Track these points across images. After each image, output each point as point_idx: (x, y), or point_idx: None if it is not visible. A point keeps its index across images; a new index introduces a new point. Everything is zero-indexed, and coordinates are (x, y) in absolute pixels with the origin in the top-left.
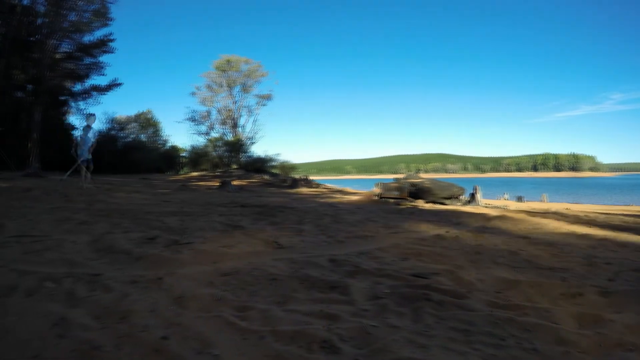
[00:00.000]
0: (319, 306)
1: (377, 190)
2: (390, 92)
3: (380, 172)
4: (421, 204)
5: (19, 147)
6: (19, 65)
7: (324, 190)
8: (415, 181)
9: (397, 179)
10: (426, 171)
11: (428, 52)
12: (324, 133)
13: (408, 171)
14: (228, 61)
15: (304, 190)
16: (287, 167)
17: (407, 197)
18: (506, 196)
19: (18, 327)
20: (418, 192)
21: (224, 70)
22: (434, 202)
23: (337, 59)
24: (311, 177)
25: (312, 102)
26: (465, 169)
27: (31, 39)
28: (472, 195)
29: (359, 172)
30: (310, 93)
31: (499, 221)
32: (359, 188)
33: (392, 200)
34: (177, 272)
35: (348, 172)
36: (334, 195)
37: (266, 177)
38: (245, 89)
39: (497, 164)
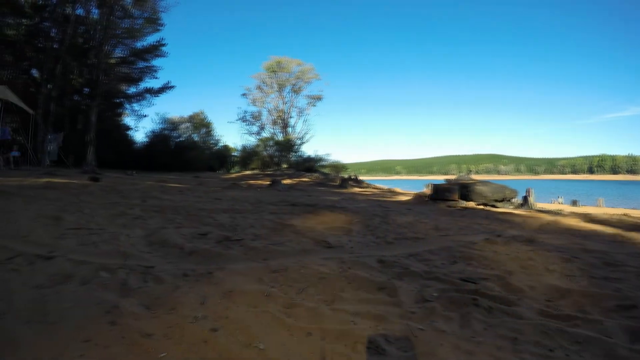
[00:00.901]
0: (366, 307)
1: (427, 191)
2: (442, 91)
3: (431, 173)
4: (472, 206)
5: (76, 146)
6: (76, 70)
7: (374, 190)
8: (467, 182)
9: (447, 180)
10: (477, 172)
11: (479, 51)
12: (374, 133)
13: (459, 172)
14: (278, 62)
15: (354, 190)
16: (337, 167)
17: (458, 199)
18: (560, 200)
19: (72, 313)
20: (469, 194)
21: (274, 72)
22: (485, 205)
23: (388, 56)
24: (361, 177)
25: (363, 101)
26: (517, 171)
27: (86, 45)
28: (525, 199)
29: (409, 172)
30: (361, 92)
31: (552, 226)
32: (408, 189)
33: (443, 201)
34: (228, 267)
35: (398, 173)
36: (383, 196)
37: (316, 176)
38: (295, 89)
39: (551, 165)
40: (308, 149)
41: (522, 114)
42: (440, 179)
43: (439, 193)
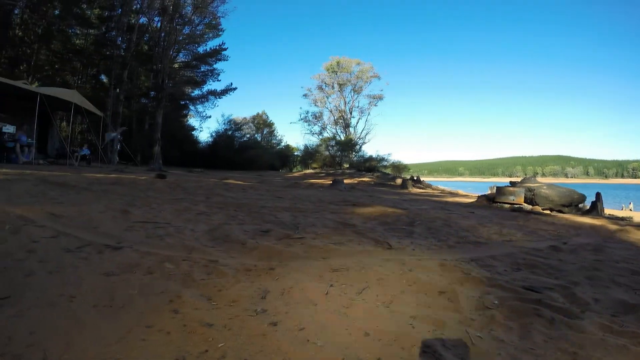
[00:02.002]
0: (425, 310)
1: (491, 194)
2: (506, 90)
3: (494, 175)
4: (537, 210)
5: (143, 146)
6: (142, 75)
7: (436, 191)
8: (532, 185)
9: (512, 183)
10: (543, 174)
11: (543, 49)
12: (437, 133)
13: (524, 174)
14: (338, 63)
15: (415, 191)
16: (399, 167)
17: (523, 203)
18: (631, 206)
19: (137, 300)
20: (535, 197)
21: (334, 72)
22: (551, 210)
23: (452, 54)
24: (422, 178)
25: (426, 101)
26: (586, 174)
27: (151, 52)
28: (594, 204)
29: (472, 174)
30: (423, 92)
31: (622, 235)
32: (471, 191)
33: (507, 205)
34: (289, 264)
35: (461, 174)
36: (445, 198)
37: (377, 176)
38: (356, 89)
39: (622, 168)
40: (369, 149)
41: (592, 112)
42: (504, 181)
43: (503, 196)
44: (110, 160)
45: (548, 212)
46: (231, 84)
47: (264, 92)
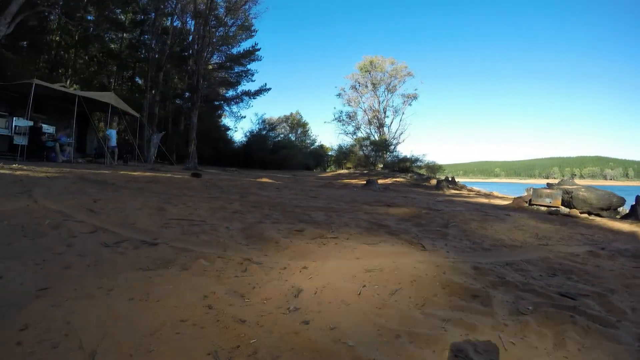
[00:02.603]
0: (458, 314)
1: (527, 196)
2: (544, 88)
3: (531, 176)
4: (575, 214)
5: (179, 145)
6: (177, 77)
7: (470, 193)
8: (570, 188)
9: (549, 185)
10: (581, 176)
11: (581, 41)
12: (473, 132)
13: (561, 175)
14: (371, 62)
15: (450, 192)
16: (433, 168)
17: (560, 206)
18: None
19: (172, 294)
20: (572, 200)
21: (367, 71)
22: (590, 213)
23: (490, 50)
24: (457, 179)
25: (462, 100)
26: (625, 175)
27: (185, 54)
28: (633, 208)
29: (508, 175)
30: (460, 90)
31: None
32: (507, 192)
33: (543, 208)
34: (322, 263)
35: (497, 175)
36: (480, 199)
37: (411, 177)
38: (390, 88)
39: None
40: (403, 149)
41: (633, 110)
42: (541, 182)
43: (540, 198)
44: (146, 159)
45: (586, 215)
46: (265, 84)
47: (298, 92)
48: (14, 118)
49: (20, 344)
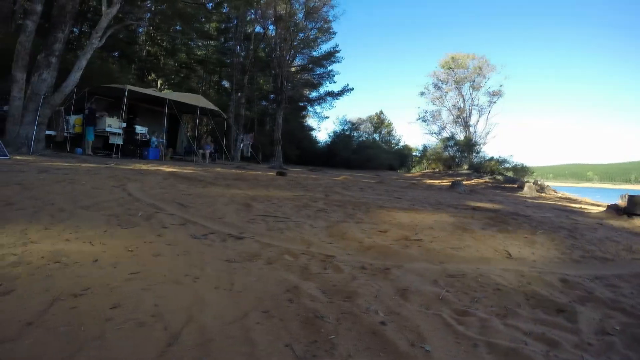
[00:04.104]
0: (540, 328)
1: (622, 203)
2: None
3: (627, 181)
4: None
5: (264, 145)
6: (261, 79)
7: (560, 198)
8: None
9: None
10: None
11: None
12: (563, 133)
13: None
14: (453, 59)
15: (538, 196)
16: (521, 170)
17: None
18: None
19: (255, 286)
20: None
21: (450, 69)
22: None
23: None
24: (547, 183)
25: (552, 98)
26: None
27: (268, 58)
28: None
29: (602, 179)
30: (550, 87)
31: None
32: (600, 199)
33: None
34: (405, 265)
35: (589, 179)
36: (571, 206)
37: (498, 179)
38: (474, 86)
39: None
40: (490, 150)
41: None
42: (638, 188)
43: (636, 206)
44: (233, 158)
45: None
46: (347, 84)
47: (382, 92)
48: (110, 120)
49: (110, 320)
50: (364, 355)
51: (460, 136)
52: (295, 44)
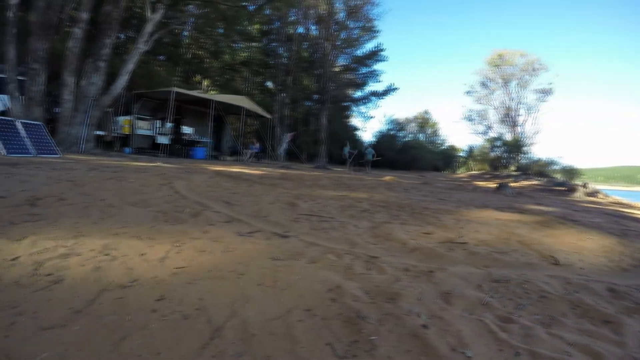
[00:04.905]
0: (585, 339)
1: None
2: None
3: None
4: None
5: (309, 145)
6: (305, 80)
7: (611, 202)
8: None
9: None
10: None
11: None
12: (616, 134)
13: None
14: (500, 56)
15: (587, 199)
16: (570, 172)
17: None
18: None
19: (298, 284)
20: None
21: (497, 66)
22: None
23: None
24: (597, 186)
25: (604, 95)
26: None
27: (311, 58)
28: None
29: None
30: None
31: None
32: None
33: None
34: (449, 269)
35: None
36: (622, 211)
37: (546, 181)
38: (522, 84)
39: None
40: (538, 151)
41: None
42: None
43: None
44: (277, 157)
45: None
46: (392, 84)
47: (427, 91)
48: (156, 121)
49: (155, 312)
50: (404, 358)
51: (508, 136)
52: (338, 43)
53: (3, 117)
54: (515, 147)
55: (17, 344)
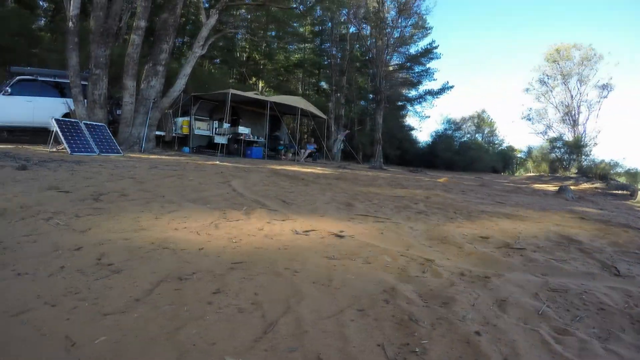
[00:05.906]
0: None
1: None
2: None
3: None
4: None
5: (365, 145)
6: (359, 79)
7: None
8: None
9: None
10: None
11: None
12: None
13: None
14: (557, 50)
15: None
16: (635, 175)
17: None
18: None
19: (353, 284)
20: None
21: (555, 61)
22: None
23: None
24: None
25: None
26: None
27: (365, 57)
28: None
29: None
30: None
31: None
32: None
33: None
34: (505, 275)
35: None
36: None
37: (608, 184)
38: (581, 79)
39: None
40: (600, 152)
41: None
42: None
43: None
44: (333, 157)
45: None
46: (447, 82)
47: (484, 89)
48: (213, 122)
49: (211, 304)
50: None
51: (568, 136)
52: (391, 42)
53: (68, 119)
54: (576, 147)
55: (77, 327)
